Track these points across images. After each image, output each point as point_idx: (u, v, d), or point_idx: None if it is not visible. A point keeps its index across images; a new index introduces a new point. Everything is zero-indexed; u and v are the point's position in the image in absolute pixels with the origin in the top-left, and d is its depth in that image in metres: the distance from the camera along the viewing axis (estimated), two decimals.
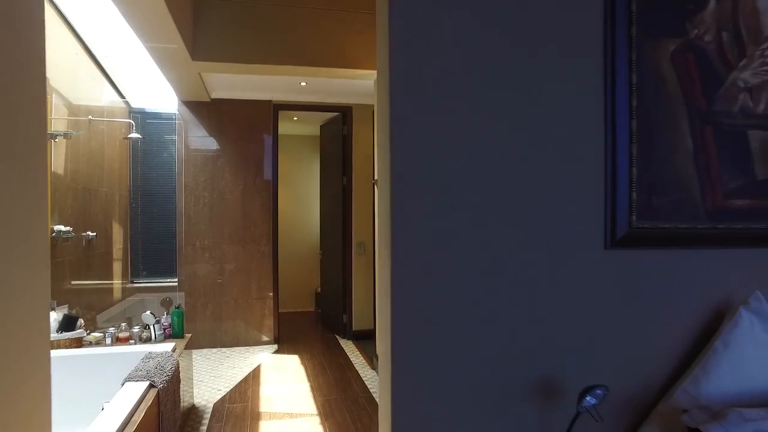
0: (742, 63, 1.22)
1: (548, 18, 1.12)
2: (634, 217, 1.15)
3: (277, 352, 4.42)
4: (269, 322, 4.67)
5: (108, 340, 2.77)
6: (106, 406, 1.95)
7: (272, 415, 2.99)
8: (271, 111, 4.64)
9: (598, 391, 0.99)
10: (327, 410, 3.06)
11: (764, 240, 1.25)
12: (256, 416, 2.97)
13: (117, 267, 4.08)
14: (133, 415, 1.89)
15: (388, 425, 1.08)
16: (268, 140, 4.66)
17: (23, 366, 0.89)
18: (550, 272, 1.13)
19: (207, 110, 4.55)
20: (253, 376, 3.71)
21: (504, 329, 1.11)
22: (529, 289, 1.12)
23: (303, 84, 4.16)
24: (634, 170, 1.14)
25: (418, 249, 1.06)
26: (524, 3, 1.11)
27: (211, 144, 4.61)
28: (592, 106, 1.15)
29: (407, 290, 1.06)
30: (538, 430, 1.11)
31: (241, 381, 3.61)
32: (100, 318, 3.48)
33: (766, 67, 1.24)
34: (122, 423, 1.78)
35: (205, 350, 4.42)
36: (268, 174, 4.69)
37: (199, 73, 3.65)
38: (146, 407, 2.00)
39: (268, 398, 3.27)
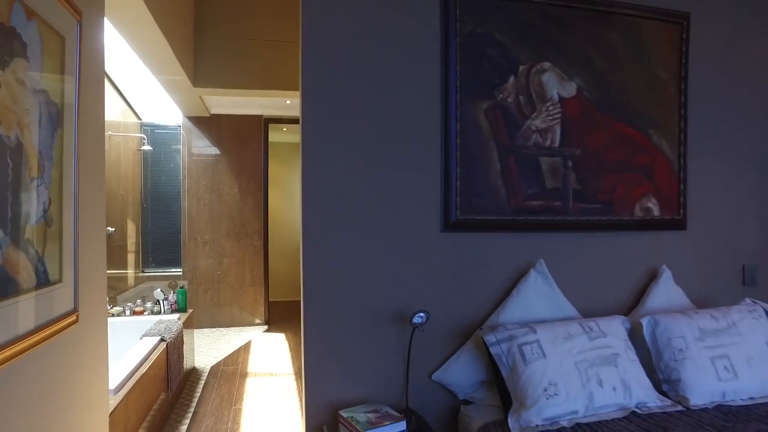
0: (534, 115, 1.93)
1: (411, 89, 1.83)
2: (458, 212, 1.85)
3: (267, 331, 5.15)
4: (261, 306, 5.40)
5: (127, 312, 3.51)
6: (128, 352, 2.68)
7: (257, 374, 3.71)
8: (262, 124, 5.37)
9: (422, 314, 1.69)
10: (301, 371, 3.77)
11: (550, 227, 1.95)
12: (244, 375, 3.70)
13: (131, 258, 4.81)
14: (148, 358, 2.61)
15: (303, 341, 1.79)
16: (260, 149, 5.39)
17: (94, 312, 1.59)
18: (407, 246, 1.84)
19: (207, 124, 5.28)
20: (245, 348, 4.44)
21: (376, 281, 1.82)
22: (394, 257, 1.83)
23: (288, 102, 4.87)
24: (458, 182, 1.84)
25: (322, 238, 1.77)
26: (392, 85, 1.82)
27: (211, 152, 5.34)
28: (435, 143, 1.86)
29: (316, 264, 1.77)
30: (396, 340, 1.82)
31: (234, 351, 4.34)
32: (118, 298, 4.21)
33: (549, 117, 1.94)
34: (140, 361, 2.50)
35: (205, 329, 5.15)
36: (259, 177, 5.41)
37: (200, 96, 4.38)
38: (158, 354, 2.73)
39: (255, 363, 4.00)
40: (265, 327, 5.30)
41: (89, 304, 1.51)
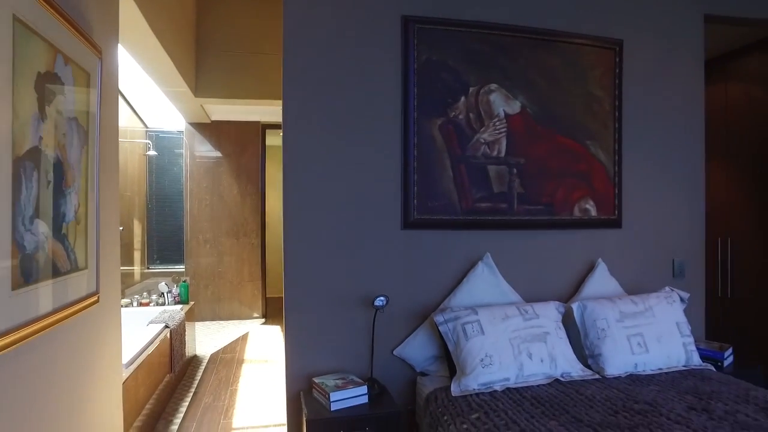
0: (482, 129, 2.25)
1: (375, 107, 2.16)
2: (415, 212, 2.18)
3: (264, 324, 5.49)
4: (258, 301, 5.74)
5: (134, 304, 3.85)
6: (136, 336, 3.01)
7: (252, 361, 4.05)
8: (259, 129, 5.71)
9: (382, 297, 2.01)
10: None
11: (497, 226, 2.28)
12: (240, 362, 4.04)
13: (137, 255, 5.16)
14: (154, 341, 2.95)
15: (285, 321, 2.12)
16: (258, 153, 5.73)
17: (109, 299, 1.93)
18: (373, 241, 2.17)
19: (208, 129, 5.62)
20: (242, 339, 4.78)
21: (346, 271, 2.14)
22: (361, 250, 2.16)
23: None
24: (416, 188, 2.17)
25: (300, 234, 2.10)
26: (359, 104, 2.14)
27: (212, 156, 5.68)
28: (396, 154, 2.18)
29: (295, 256, 2.10)
30: (363, 321, 2.15)
31: (233, 341, 4.68)
32: (126, 292, 4.55)
33: (496, 131, 2.26)
34: (147, 343, 2.84)
35: (207, 322, 5.49)
36: (257, 179, 5.75)
37: (201, 105, 4.72)
38: (162, 338, 3.06)
39: (251, 351, 4.34)
40: (263, 320, 5.64)
41: (107, 287, 1.85)
